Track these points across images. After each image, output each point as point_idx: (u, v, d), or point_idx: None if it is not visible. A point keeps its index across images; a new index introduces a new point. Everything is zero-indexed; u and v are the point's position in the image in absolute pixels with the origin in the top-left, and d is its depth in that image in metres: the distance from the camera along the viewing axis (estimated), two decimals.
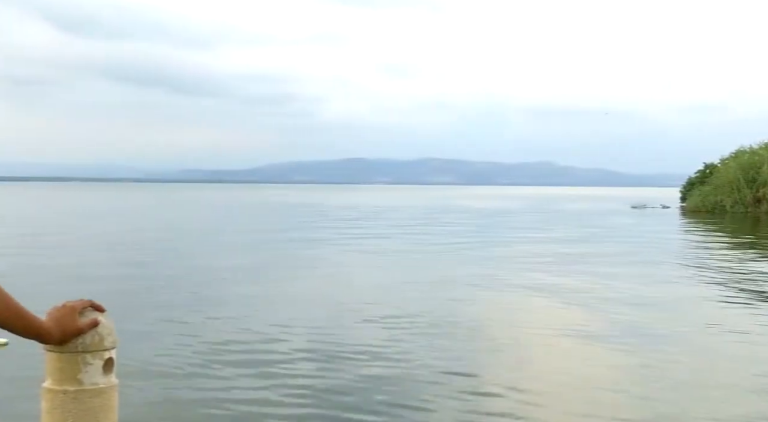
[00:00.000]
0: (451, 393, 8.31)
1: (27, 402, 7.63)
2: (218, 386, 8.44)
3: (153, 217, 48.03)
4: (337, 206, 68.32)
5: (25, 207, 62.40)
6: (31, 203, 71.71)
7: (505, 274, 18.78)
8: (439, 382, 8.69)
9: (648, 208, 68.03)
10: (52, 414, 1.98)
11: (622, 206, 72.33)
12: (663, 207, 68.40)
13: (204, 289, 15.91)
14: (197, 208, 64.46)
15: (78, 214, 51.27)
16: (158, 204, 72.75)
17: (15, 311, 1.84)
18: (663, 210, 64.25)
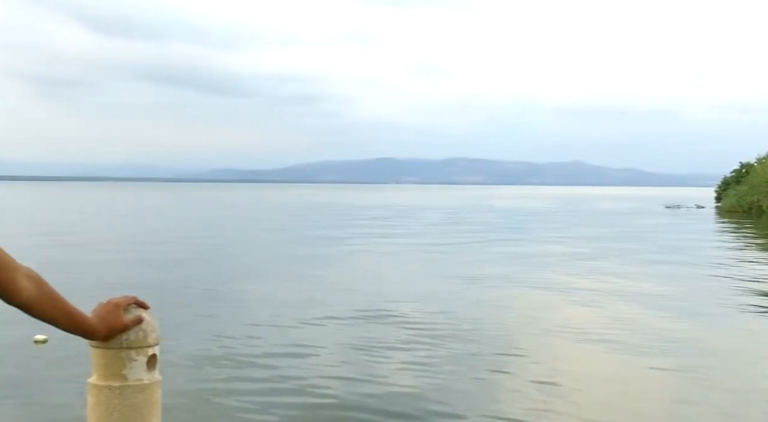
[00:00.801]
0: (477, 389, 8.28)
1: (68, 396, 7.77)
2: (246, 379, 8.49)
3: (187, 216, 48.51)
4: (366, 206, 68.42)
5: (63, 206, 63.28)
6: (68, 203, 72.73)
7: (535, 275, 18.65)
8: (463, 379, 8.65)
9: (682, 208, 67.18)
10: (97, 409, 2.00)
11: (656, 206, 71.51)
12: (698, 207, 67.50)
13: (235, 285, 16.02)
14: (229, 208, 64.95)
15: (114, 213, 51.92)
16: (191, 204, 73.45)
17: (62, 308, 1.86)
18: (698, 210, 63.40)
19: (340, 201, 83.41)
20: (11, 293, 1.76)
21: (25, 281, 1.78)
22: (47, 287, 1.83)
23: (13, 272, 1.75)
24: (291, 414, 7.53)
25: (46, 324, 1.89)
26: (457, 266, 20.18)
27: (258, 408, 7.65)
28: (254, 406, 7.72)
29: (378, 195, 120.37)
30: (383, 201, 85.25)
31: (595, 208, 68.98)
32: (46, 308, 1.83)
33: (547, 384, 8.63)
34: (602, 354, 10.34)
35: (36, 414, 7.42)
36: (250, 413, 7.52)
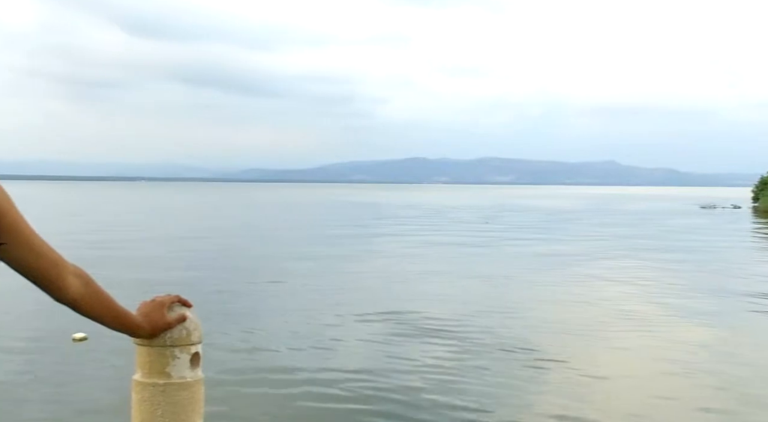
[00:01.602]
0: (505, 388, 8.23)
1: (106, 393, 7.90)
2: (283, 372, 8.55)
3: (223, 215, 48.95)
4: (398, 205, 68.40)
5: (100, 206, 64.16)
6: (105, 202, 73.72)
7: (567, 276, 18.49)
8: (500, 377, 8.61)
9: (718, 208, 66.16)
10: (142, 405, 2.02)
11: (691, 207, 70.53)
12: (734, 207, 66.42)
13: (270, 283, 16.13)
14: (263, 207, 65.37)
15: (151, 212, 52.55)
16: (226, 203, 74.04)
17: (108, 306, 1.89)
18: (734, 210, 62.38)
19: (372, 201, 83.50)
20: (60, 290, 1.79)
21: (73, 279, 1.81)
22: (94, 285, 1.86)
23: (62, 270, 1.78)
24: (319, 407, 7.55)
25: (85, 322, 1.92)
26: (486, 266, 20.10)
27: (286, 401, 7.69)
28: (285, 400, 7.77)
29: (409, 195, 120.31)
30: (414, 201, 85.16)
31: (628, 208, 68.22)
32: (93, 306, 1.86)
33: (577, 387, 8.56)
34: (635, 359, 10.22)
35: (75, 410, 7.53)
36: (282, 407, 7.57)
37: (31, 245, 1.72)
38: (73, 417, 7.33)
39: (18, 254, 1.69)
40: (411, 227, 37.98)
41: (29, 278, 1.75)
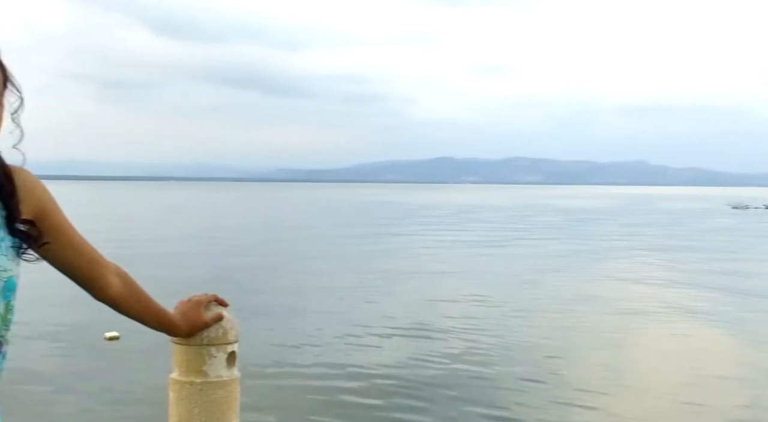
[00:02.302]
0: (547, 385, 8.19)
1: (138, 390, 7.99)
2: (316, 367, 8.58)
3: (256, 214, 49.30)
4: (428, 205, 68.34)
5: (134, 205, 64.85)
6: (139, 202, 74.50)
7: (598, 277, 18.33)
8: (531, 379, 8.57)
9: (750, 208, 65.14)
10: (179, 404, 2.04)
11: (722, 207, 69.56)
12: (766, 207, 65.39)
13: (301, 282, 16.21)
14: (295, 207, 65.66)
15: (185, 212, 53.06)
16: (258, 203, 74.47)
17: (147, 305, 1.91)
18: (766, 211, 61.40)
19: (402, 200, 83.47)
20: (100, 289, 1.81)
21: (113, 277, 1.83)
22: (134, 284, 1.88)
23: (102, 268, 1.81)
24: (346, 401, 7.57)
25: (117, 321, 1.94)
26: (519, 266, 19.99)
27: (316, 396, 7.72)
28: (321, 396, 7.79)
29: (438, 195, 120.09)
30: (440, 201, 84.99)
31: (658, 208, 67.47)
32: (132, 305, 1.88)
33: (605, 388, 8.49)
34: (669, 365, 10.11)
35: (108, 409, 7.62)
36: (319, 403, 7.59)
37: (74, 245, 1.75)
38: (106, 416, 7.41)
39: (61, 254, 1.72)
40: (438, 227, 37.90)
41: (71, 276, 1.78)
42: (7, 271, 1.53)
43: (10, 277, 1.54)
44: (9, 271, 1.54)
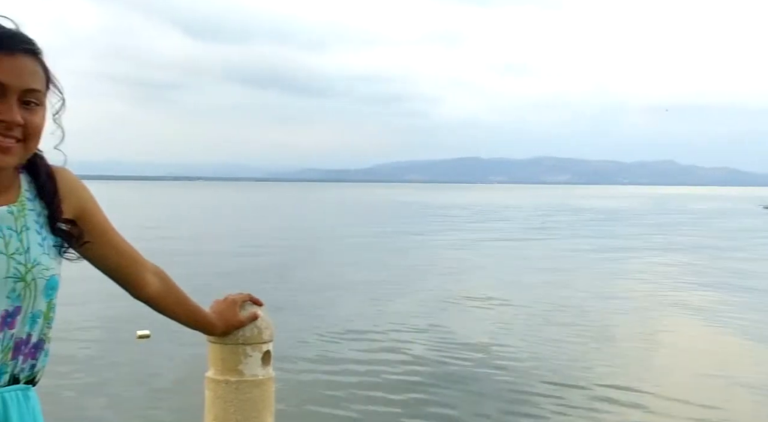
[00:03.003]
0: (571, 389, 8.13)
1: (169, 387, 8.07)
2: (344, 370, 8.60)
3: (280, 215, 49.50)
4: (453, 205, 68.19)
5: (163, 205, 65.45)
6: (167, 202, 75.18)
7: (625, 279, 18.17)
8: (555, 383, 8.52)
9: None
10: (215, 402, 2.06)
11: (754, 207, 68.61)
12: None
13: (324, 282, 16.26)
14: (319, 207, 65.85)
15: (215, 211, 53.48)
16: (284, 203, 74.83)
17: (184, 304, 1.93)
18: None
19: (426, 201, 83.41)
20: (139, 288, 1.84)
21: (151, 277, 1.85)
22: (172, 283, 1.90)
23: (141, 268, 1.83)
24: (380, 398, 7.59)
25: (148, 320, 1.96)
26: (545, 265, 19.88)
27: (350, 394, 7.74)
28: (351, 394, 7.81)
29: (464, 194, 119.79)
30: (469, 200, 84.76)
31: (687, 208, 66.71)
32: (169, 304, 1.90)
33: (636, 392, 8.41)
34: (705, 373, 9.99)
35: (139, 405, 7.69)
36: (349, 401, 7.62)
37: (113, 244, 1.77)
38: (137, 413, 7.49)
39: (101, 253, 1.74)
40: (463, 226, 37.80)
41: (110, 275, 1.80)
42: (50, 270, 1.56)
43: (52, 275, 1.56)
44: (51, 270, 1.56)
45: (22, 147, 1.51)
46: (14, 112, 1.47)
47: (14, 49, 1.48)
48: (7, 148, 1.48)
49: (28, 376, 1.55)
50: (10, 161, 1.50)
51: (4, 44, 1.47)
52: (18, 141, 1.50)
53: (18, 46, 1.49)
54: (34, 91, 1.51)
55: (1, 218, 1.52)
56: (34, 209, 1.59)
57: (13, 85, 1.47)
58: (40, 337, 1.56)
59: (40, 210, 1.60)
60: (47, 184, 1.62)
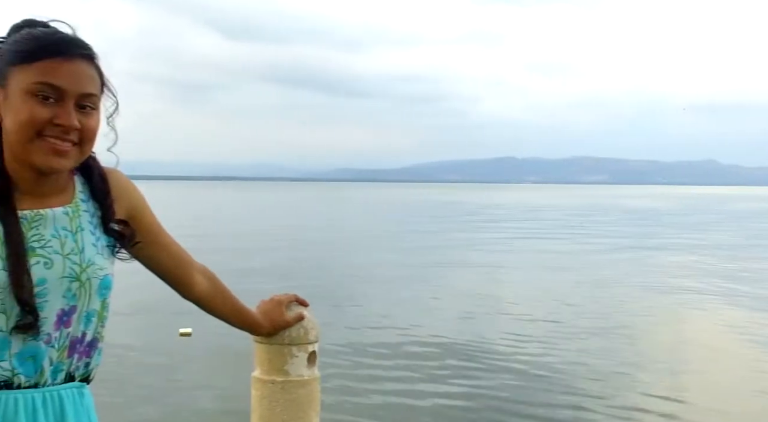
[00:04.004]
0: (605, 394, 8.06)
1: (210, 385, 8.17)
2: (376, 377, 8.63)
3: (316, 214, 49.73)
4: (489, 205, 67.90)
5: (201, 204, 66.20)
6: (204, 201, 76.03)
7: (663, 281, 17.92)
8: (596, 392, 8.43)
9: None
10: (261, 402, 2.08)
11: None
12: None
13: (357, 283, 16.31)
14: (355, 206, 66.04)
15: (252, 211, 53.94)
16: (319, 203, 75.09)
17: (231, 304, 1.96)
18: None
19: (464, 200, 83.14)
20: (187, 288, 1.86)
21: (200, 277, 1.88)
22: (219, 283, 1.93)
23: (190, 268, 1.85)
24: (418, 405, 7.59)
25: (190, 317, 1.99)
26: (581, 269, 19.70)
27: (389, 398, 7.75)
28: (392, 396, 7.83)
29: (500, 194, 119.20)
30: (505, 200, 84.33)
31: (727, 209, 65.55)
32: (217, 304, 1.93)
33: (675, 397, 8.30)
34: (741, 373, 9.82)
35: (181, 402, 7.79)
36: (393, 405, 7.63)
37: (164, 245, 1.80)
38: (180, 411, 7.58)
39: (151, 253, 1.77)
40: (498, 226, 37.60)
41: (160, 275, 1.83)
42: (103, 269, 1.59)
43: (105, 275, 1.59)
44: (105, 269, 1.59)
45: (78, 150, 1.55)
46: (71, 116, 1.50)
47: (72, 54, 1.51)
48: (64, 151, 1.51)
49: (82, 374, 1.59)
50: (66, 164, 1.54)
51: (63, 50, 1.51)
52: (74, 145, 1.53)
53: (75, 51, 1.52)
54: (90, 96, 1.54)
55: (57, 219, 1.56)
56: (88, 210, 1.62)
57: (71, 89, 1.50)
58: (95, 336, 1.60)
59: (93, 211, 1.63)
60: (100, 185, 1.66)
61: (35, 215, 1.54)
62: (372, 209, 59.99)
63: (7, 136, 1.52)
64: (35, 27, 1.57)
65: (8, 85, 1.50)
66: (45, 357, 1.50)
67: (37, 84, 1.48)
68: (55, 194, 1.58)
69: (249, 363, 2.22)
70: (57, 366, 1.52)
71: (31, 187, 1.55)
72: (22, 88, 1.49)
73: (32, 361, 1.49)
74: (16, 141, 1.50)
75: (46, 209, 1.55)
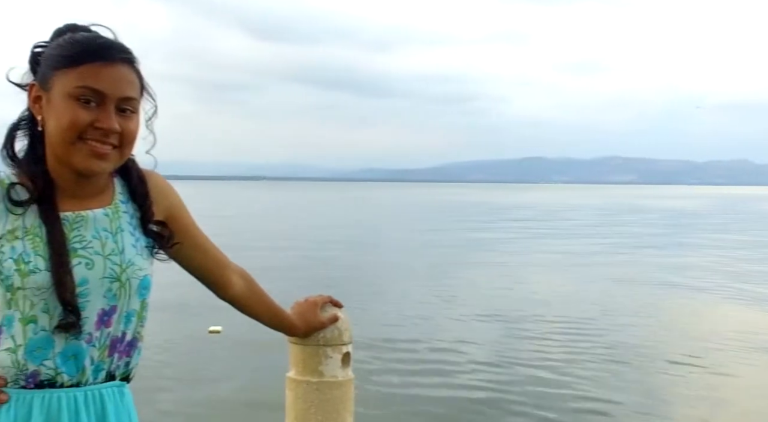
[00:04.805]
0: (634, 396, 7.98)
1: (239, 383, 8.23)
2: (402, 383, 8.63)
3: (345, 215, 49.88)
4: (517, 205, 67.56)
5: (231, 204, 66.69)
6: (234, 200, 76.58)
7: (691, 282, 17.68)
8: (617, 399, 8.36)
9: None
10: (296, 402, 2.09)
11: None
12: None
13: (381, 284, 16.32)
14: (386, 206, 66.04)
15: (282, 210, 54.24)
16: (348, 203, 75.23)
17: (267, 305, 1.97)
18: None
19: (491, 200, 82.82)
20: (224, 289, 1.88)
21: (236, 278, 1.90)
22: (255, 285, 1.95)
23: (227, 269, 1.88)
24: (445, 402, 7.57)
25: (220, 315, 2.01)
26: (610, 270, 19.52)
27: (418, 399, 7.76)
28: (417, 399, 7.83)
29: (529, 195, 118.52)
30: (532, 200, 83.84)
31: (761, 210, 64.55)
32: (253, 305, 1.95)
33: (711, 397, 8.19)
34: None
35: (211, 399, 7.85)
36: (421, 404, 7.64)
37: (201, 246, 1.82)
38: (211, 409, 7.64)
39: (189, 254, 1.79)
40: (526, 227, 37.41)
41: (197, 276, 1.85)
42: (143, 270, 1.61)
43: (145, 276, 1.61)
44: (144, 270, 1.62)
45: (118, 153, 1.57)
46: (112, 120, 1.53)
47: (113, 58, 1.54)
48: (104, 154, 1.54)
49: (123, 373, 1.61)
50: (106, 166, 1.56)
51: (104, 54, 1.53)
52: (114, 147, 1.55)
53: (116, 55, 1.55)
54: (130, 99, 1.56)
55: (98, 221, 1.58)
56: (128, 212, 1.65)
57: (111, 93, 1.52)
58: (134, 335, 1.62)
59: (132, 212, 1.66)
60: (139, 187, 1.68)
61: (76, 216, 1.57)
62: (402, 209, 59.97)
63: (50, 139, 1.55)
64: (77, 32, 1.59)
65: (51, 89, 1.53)
66: (86, 356, 1.53)
67: (79, 88, 1.50)
68: (95, 195, 1.61)
69: (277, 360, 2.22)
70: (98, 365, 1.55)
71: (73, 189, 1.58)
72: (64, 92, 1.51)
73: (74, 360, 1.52)
74: (58, 144, 1.53)
75: (87, 211, 1.58)
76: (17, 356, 1.49)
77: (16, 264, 1.48)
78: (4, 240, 1.50)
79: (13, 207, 1.52)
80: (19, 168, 1.57)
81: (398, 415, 7.44)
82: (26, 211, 1.53)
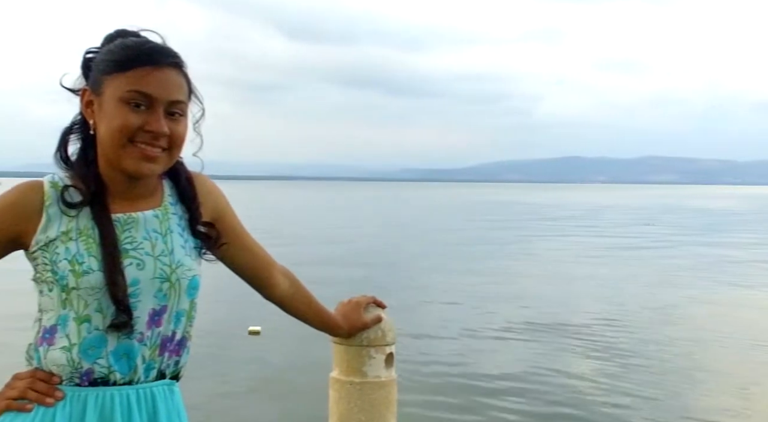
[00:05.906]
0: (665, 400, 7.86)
1: (279, 382, 8.31)
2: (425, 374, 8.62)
3: (383, 214, 50.02)
4: (554, 205, 67.00)
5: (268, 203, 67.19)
6: (271, 200, 77.14)
7: (728, 286, 17.36)
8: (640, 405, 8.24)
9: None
10: (339, 402, 2.11)
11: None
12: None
13: (420, 286, 16.30)
14: (422, 206, 66.00)
15: (318, 211, 54.53)
16: (385, 203, 75.37)
17: (311, 305, 1.99)
18: None
19: (528, 201, 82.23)
20: (269, 289, 1.90)
21: (282, 278, 1.91)
22: (300, 285, 1.96)
23: (272, 269, 1.90)
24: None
25: (258, 316, 2.03)
26: (646, 273, 19.27)
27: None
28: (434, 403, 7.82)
29: (568, 194, 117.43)
30: (571, 200, 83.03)
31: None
32: (297, 305, 1.97)
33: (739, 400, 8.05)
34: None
35: (252, 400, 7.93)
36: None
37: (247, 246, 1.84)
38: (251, 409, 7.72)
39: (235, 254, 1.81)
40: (564, 227, 37.07)
41: (243, 276, 1.87)
42: (192, 270, 1.63)
43: (194, 276, 1.64)
44: (193, 270, 1.64)
45: (167, 156, 1.60)
46: (161, 123, 1.55)
47: (161, 62, 1.56)
48: (154, 157, 1.56)
49: (173, 372, 1.64)
50: (155, 169, 1.59)
51: (153, 58, 1.56)
52: (163, 150, 1.58)
53: (165, 59, 1.57)
54: (178, 103, 1.59)
55: (148, 222, 1.61)
56: (176, 213, 1.67)
57: (160, 97, 1.55)
58: (184, 334, 1.65)
59: (181, 214, 1.68)
60: (187, 189, 1.71)
61: (127, 218, 1.60)
62: (438, 209, 59.85)
63: (101, 142, 1.58)
64: (127, 37, 1.62)
65: (103, 93, 1.56)
66: (138, 354, 1.56)
67: (129, 92, 1.53)
68: (145, 197, 1.64)
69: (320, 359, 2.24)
70: (149, 364, 1.58)
71: (123, 191, 1.61)
72: (115, 97, 1.54)
73: (126, 359, 1.55)
74: (109, 147, 1.56)
75: (137, 213, 1.61)
76: (72, 354, 1.53)
77: (70, 265, 1.52)
78: (58, 242, 1.54)
79: (67, 209, 1.56)
80: (72, 171, 1.61)
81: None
82: (79, 213, 1.56)
